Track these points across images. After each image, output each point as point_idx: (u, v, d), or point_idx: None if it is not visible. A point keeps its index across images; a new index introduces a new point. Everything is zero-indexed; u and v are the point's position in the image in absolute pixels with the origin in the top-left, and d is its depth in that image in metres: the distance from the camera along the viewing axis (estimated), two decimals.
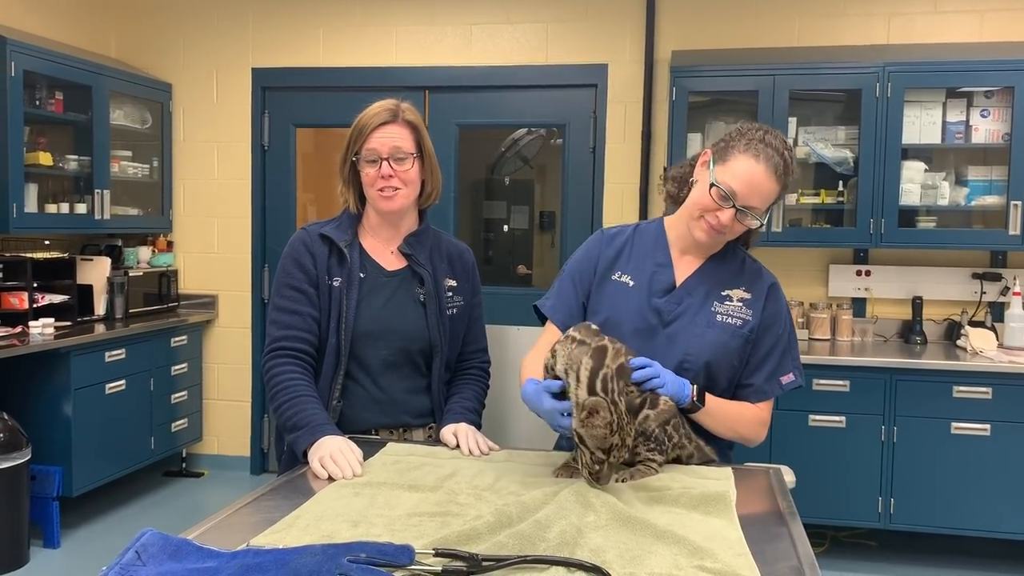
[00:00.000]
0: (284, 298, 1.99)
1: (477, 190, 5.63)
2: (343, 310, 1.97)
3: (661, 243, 1.92)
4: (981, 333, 3.81)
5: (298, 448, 1.82)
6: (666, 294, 1.87)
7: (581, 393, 1.49)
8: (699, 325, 1.84)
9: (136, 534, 1.23)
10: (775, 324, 1.88)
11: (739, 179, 1.75)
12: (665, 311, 1.86)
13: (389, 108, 1.98)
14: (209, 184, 4.86)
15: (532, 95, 4.56)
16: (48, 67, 3.99)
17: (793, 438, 3.63)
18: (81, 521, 4.03)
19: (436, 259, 2.08)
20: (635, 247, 1.93)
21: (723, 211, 1.77)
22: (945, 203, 3.87)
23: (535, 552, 1.24)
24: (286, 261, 2.02)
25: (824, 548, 3.83)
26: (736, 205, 1.75)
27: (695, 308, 1.85)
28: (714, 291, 1.87)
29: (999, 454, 3.50)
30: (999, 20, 4.05)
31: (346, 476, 1.63)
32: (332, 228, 2.04)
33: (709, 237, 1.82)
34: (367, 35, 4.66)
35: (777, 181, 1.78)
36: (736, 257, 1.93)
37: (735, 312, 1.85)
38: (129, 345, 4.15)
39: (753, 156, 1.76)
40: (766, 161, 1.75)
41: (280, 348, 1.95)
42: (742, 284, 1.88)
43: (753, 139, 1.78)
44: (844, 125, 3.99)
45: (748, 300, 1.87)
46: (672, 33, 4.33)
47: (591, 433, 1.45)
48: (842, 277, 4.18)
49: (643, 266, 1.90)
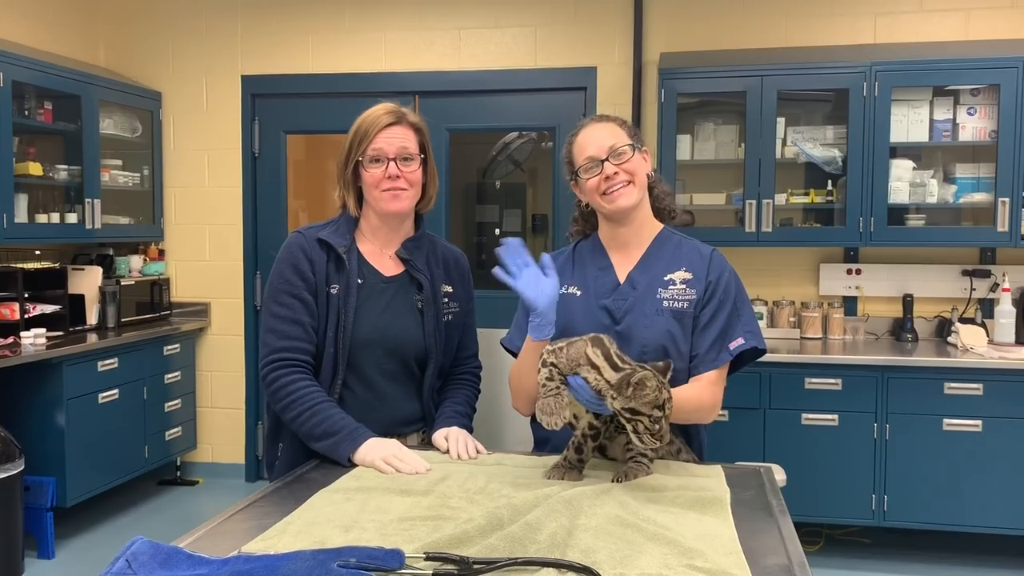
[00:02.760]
0: (283, 306, 1.94)
1: (469, 194, 5.64)
2: (341, 319, 1.94)
3: (599, 250, 2.00)
4: (971, 330, 3.82)
5: (339, 453, 1.82)
6: (612, 293, 1.93)
7: (609, 373, 1.55)
8: (648, 315, 1.89)
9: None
10: (716, 291, 1.91)
11: (584, 148, 1.91)
12: (614, 309, 1.91)
13: (393, 110, 1.98)
14: (200, 192, 4.86)
15: (522, 99, 4.57)
16: (37, 77, 3.98)
17: (786, 437, 3.64)
18: (76, 531, 4.02)
19: (433, 265, 2.07)
20: (577, 261, 2.01)
21: (603, 171, 1.87)
22: (934, 201, 3.89)
23: (526, 554, 1.24)
24: (283, 267, 1.97)
25: (819, 546, 3.84)
26: (602, 159, 1.87)
27: (641, 299, 1.90)
28: (656, 278, 1.92)
29: (991, 450, 3.51)
30: (984, 19, 4.08)
31: (419, 471, 1.71)
32: (330, 232, 2.00)
33: (624, 197, 1.88)
34: (357, 41, 4.66)
35: (608, 120, 1.94)
36: (671, 241, 1.98)
37: (680, 296, 1.90)
38: (122, 354, 4.14)
39: (579, 130, 1.96)
40: (589, 123, 1.95)
41: (282, 360, 1.92)
42: (682, 265, 1.93)
43: (572, 132, 1.98)
44: (832, 125, 4.01)
45: (690, 280, 1.91)
46: (660, 35, 4.35)
47: (644, 401, 1.51)
48: (833, 276, 4.20)
49: (586, 274, 1.97)
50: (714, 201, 4.14)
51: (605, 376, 1.55)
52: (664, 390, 1.53)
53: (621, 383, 1.52)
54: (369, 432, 1.85)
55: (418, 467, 1.72)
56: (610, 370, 1.55)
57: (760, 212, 3.90)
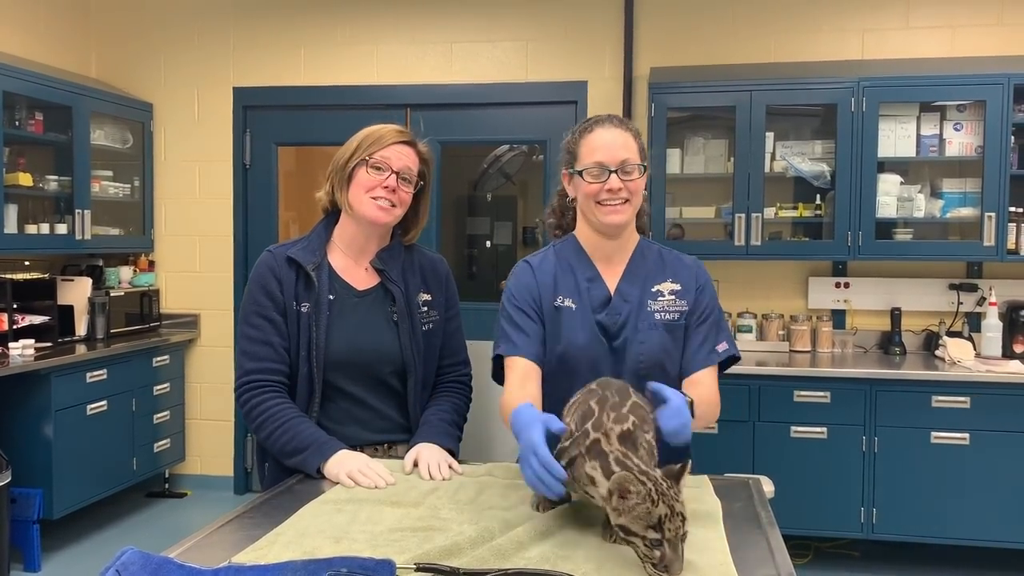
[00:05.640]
0: (253, 327, 1.95)
1: (460, 207, 5.65)
2: (313, 337, 1.94)
3: (583, 257, 1.93)
4: (958, 343, 3.85)
5: (309, 466, 1.82)
6: (604, 307, 1.88)
7: (603, 488, 1.28)
8: (642, 330, 1.86)
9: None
10: (703, 298, 1.91)
11: (595, 150, 1.81)
12: (609, 324, 1.87)
13: (406, 132, 2.01)
14: (191, 203, 4.85)
15: (513, 112, 4.59)
16: (28, 88, 3.98)
17: (775, 449, 3.65)
18: (62, 544, 3.99)
19: (408, 274, 2.05)
20: (561, 268, 1.93)
21: (607, 182, 1.80)
22: (921, 215, 3.93)
23: (516, 566, 1.25)
24: (253, 287, 1.97)
25: (808, 559, 3.84)
26: (611, 169, 1.79)
27: (634, 313, 1.87)
28: (646, 290, 1.89)
29: (978, 463, 3.53)
30: (970, 36, 4.13)
31: (379, 486, 1.69)
32: (299, 250, 1.99)
33: (620, 214, 1.82)
34: (349, 54, 4.68)
35: (626, 128, 1.84)
36: (651, 251, 1.95)
37: (670, 307, 1.88)
38: (111, 365, 4.13)
39: (589, 131, 1.85)
40: (605, 123, 1.84)
41: (254, 382, 1.93)
42: (667, 276, 1.91)
43: (582, 125, 1.88)
44: (821, 139, 4.04)
45: (679, 291, 1.90)
46: (650, 50, 4.38)
47: (632, 515, 1.21)
48: (821, 289, 4.22)
49: (577, 283, 1.90)
50: (703, 215, 4.17)
51: (601, 492, 1.29)
52: (661, 502, 1.19)
53: (610, 492, 1.24)
54: (339, 444, 1.84)
55: (379, 482, 1.70)
56: (604, 479, 1.28)
57: (749, 226, 3.92)
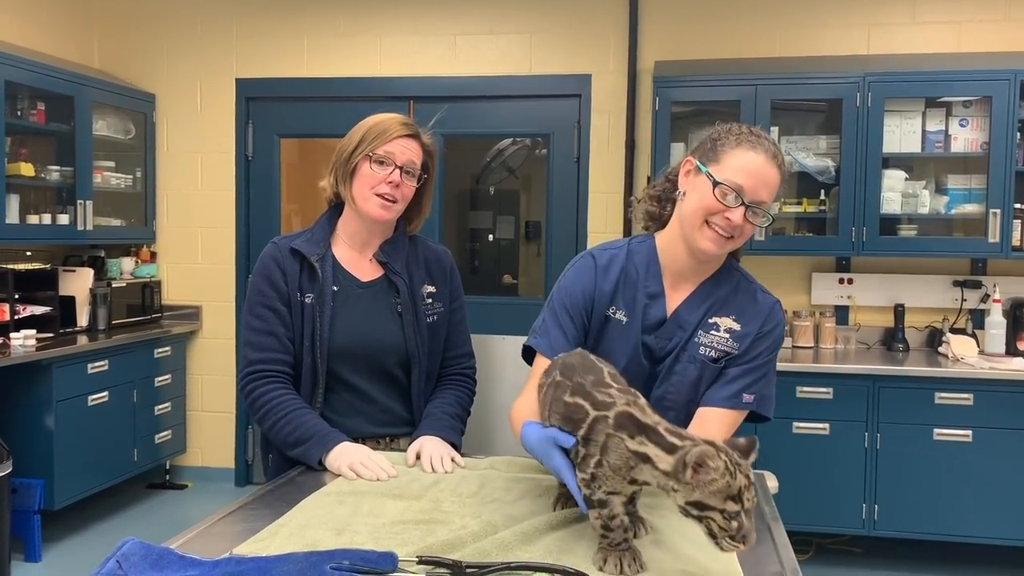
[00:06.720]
0: (257, 318, 1.95)
1: (462, 200, 5.65)
2: (316, 328, 1.93)
3: (653, 269, 1.73)
4: (962, 340, 3.84)
5: (311, 458, 1.82)
6: (656, 329, 1.71)
7: (665, 460, 1.17)
8: (682, 362, 1.70)
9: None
10: (757, 346, 1.70)
11: (743, 172, 1.58)
12: (656, 348, 1.71)
13: (411, 123, 1.97)
14: (193, 194, 4.85)
15: (516, 105, 4.57)
16: (30, 77, 3.97)
17: (777, 446, 3.64)
18: (63, 534, 3.99)
19: (412, 266, 2.05)
20: (628, 275, 1.74)
21: (732, 211, 1.59)
22: (925, 211, 3.91)
23: (519, 559, 1.24)
24: (257, 278, 1.97)
25: (809, 555, 3.84)
26: (745, 202, 1.59)
27: (683, 343, 1.70)
28: (703, 320, 1.70)
29: (981, 460, 3.52)
30: (976, 31, 4.11)
31: (381, 478, 1.69)
32: (303, 241, 1.99)
33: (718, 246, 1.62)
34: (351, 45, 4.66)
35: (779, 169, 1.62)
36: (730, 281, 1.74)
37: (719, 344, 1.69)
38: (112, 356, 4.12)
39: (749, 147, 1.60)
40: (764, 151, 1.60)
41: (258, 372, 1.93)
42: (732, 312, 1.71)
43: (742, 133, 1.63)
44: (825, 134, 4.03)
45: (737, 332, 1.70)
46: (655, 44, 4.37)
47: (711, 489, 1.13)
48: (825, 285, 4.21)
49: (636, 297, 1.72)
50: None
51: (661, 467, 1.17)
52: (739, 473, 1.13)
53: (677, 467, 1.15)
54: (341, 436, 1.84)
55: (380, 475, 1.69)
56: (664, 454, 1.18)
57: None
